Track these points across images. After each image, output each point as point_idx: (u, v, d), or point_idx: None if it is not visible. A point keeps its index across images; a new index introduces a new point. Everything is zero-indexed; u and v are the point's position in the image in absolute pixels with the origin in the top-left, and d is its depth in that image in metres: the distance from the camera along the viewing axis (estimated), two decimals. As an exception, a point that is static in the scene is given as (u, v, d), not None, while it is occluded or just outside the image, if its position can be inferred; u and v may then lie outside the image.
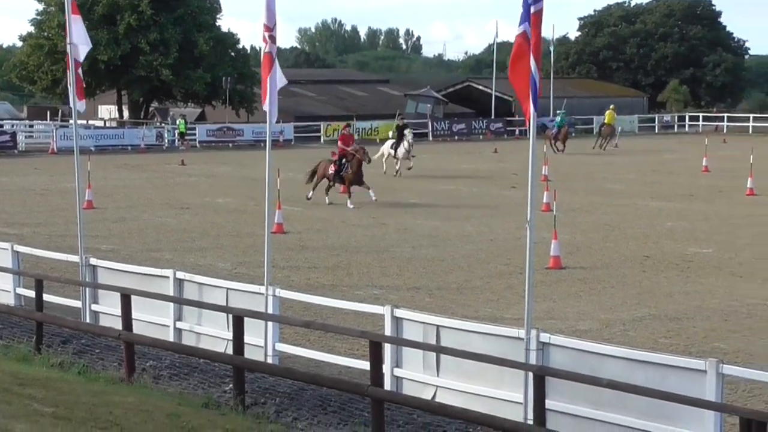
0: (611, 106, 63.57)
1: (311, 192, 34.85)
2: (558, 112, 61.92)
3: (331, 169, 34.90)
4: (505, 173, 44.25)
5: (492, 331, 12.82)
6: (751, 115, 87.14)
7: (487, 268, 23.23)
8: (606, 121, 62.66)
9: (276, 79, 15.07)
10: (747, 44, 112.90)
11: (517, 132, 77.04)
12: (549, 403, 11.49)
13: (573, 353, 11.80)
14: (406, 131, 45.47)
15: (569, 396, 11.52)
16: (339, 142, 36.24)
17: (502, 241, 26.63)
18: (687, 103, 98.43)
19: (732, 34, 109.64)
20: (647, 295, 20.43)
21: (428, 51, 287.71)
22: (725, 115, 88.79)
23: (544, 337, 12.07)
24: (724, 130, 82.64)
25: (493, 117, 79.15)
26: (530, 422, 11.21)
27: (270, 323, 14.84)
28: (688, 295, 20.43)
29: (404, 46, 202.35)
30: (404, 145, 45.37)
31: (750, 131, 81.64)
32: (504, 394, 12.29)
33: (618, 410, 11.11)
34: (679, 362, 11.07)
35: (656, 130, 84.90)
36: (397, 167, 45.34)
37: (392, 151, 45.87)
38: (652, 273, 22.71)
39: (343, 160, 34.70)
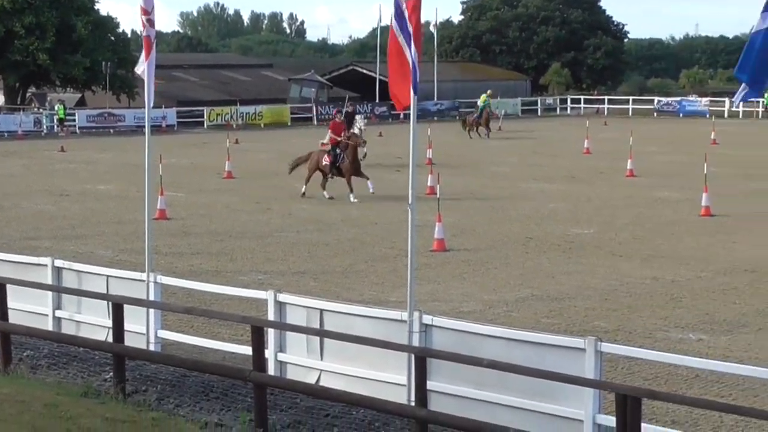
0: (487, 92, 64.24)
1: (304, 187, 32.31)
2: (483, 97, 62.18)
3: (326, 160, 32.25)
4: (390, 157, 44.34)
5: (375, 314, 12.82)
6: (631, 98, 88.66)
7: (371, 252, 23.25)
8: (480, 104, 63.59)
9: (153, 63, 14.76)
10: (626, 28, 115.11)
11: (401, 116, 77.24)
12: (431, 385, 11.51)
13: (455, 334, 11.86)
14: (357, 117, 42.75)
15: (451, 377, 11.57)
16: (329, 131, 33.57)
17: (387, 225, 26.67)
18: (569, 86, 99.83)
19: (611, 17, 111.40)
20: (530, 275, 20.65)
21: (312, 35, 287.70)
22: (606, 97, 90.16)
23: (427, 319, 12.10)
24: (605, 113, 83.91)
25: (377, 101, 79.23)
26: (413, 404, 11.21)
27: (151, 310, 14.62)
28: (569, 275, 20.69)
29: (288, 31, 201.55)
30: (355, 131, 42.46)
31: (630, 113, 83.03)
32: (388, 377, 12.29)
33: (499, 390, 11.20)
34: (558, 341, 11.20)
35: (539, 113, 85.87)
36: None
37: None
38: (534, 254, 22.96)
39: (337, 150, 32.33)
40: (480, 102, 60.65)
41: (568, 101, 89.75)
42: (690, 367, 13.22)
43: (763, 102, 78.57)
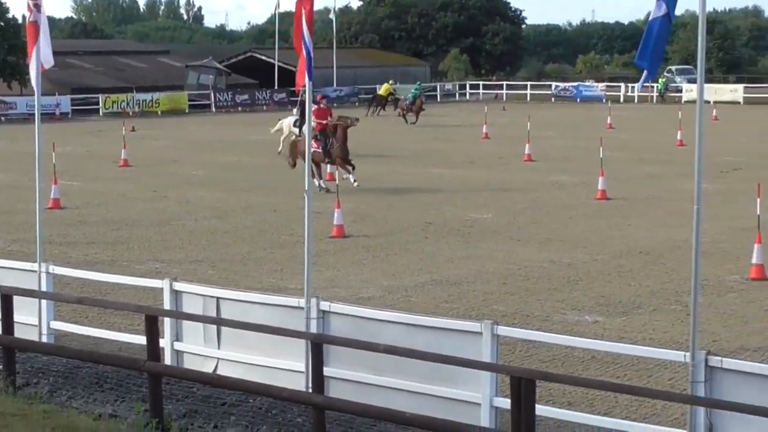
0: (389, 81, 64.47)
1: (319, 180, 29.94)
2: (415, 86, 62.38)
3: (314, 146, 28.92)
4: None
5: (272, 301, 12.72)
6: (529, 83, 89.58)
7: (270, 239, 23.10)
8: (381, 92, 63.93)
9: (41, 49, 14.39)
10: (524, 14, 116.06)
11: (302, 103, 77.01)
12: (330, 371, 11.46)
13: (353, 320, 11.81)
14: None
15: (349, 363, 11.53)
16: (314, 117, 30.76)
17: (286, 212, 26.51)
18: (468, 72, 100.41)
19: (509, 4, 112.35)
20: (429, 260, 20.69)
21: (210, 21, 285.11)
22: (504, 83, 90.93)
23: (324, 305, 12.03)
24: (504, 98, 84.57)
25: (276, 87, 78.82)
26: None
27: (43, 301, 14.31)
28: (468, 259, 20.77)
29: (185, 17, 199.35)
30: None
31: (528, 99, 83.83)
32: (286, 364, 12.20)
33: (398, 375, 11.17)
34: (456, 325, 11.21)
35: (438, 99, 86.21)
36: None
37: (296, 129, 39.78)
38: (434, 239, 23.01)
39: (327, 136, 30.47)
40: (394, 89, 60.99)
41: (467, 87, 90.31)
42: (586, 349, 13.39)
43: (657, 87, 79.94)
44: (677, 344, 13.71)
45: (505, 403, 10.22)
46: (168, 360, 12.97)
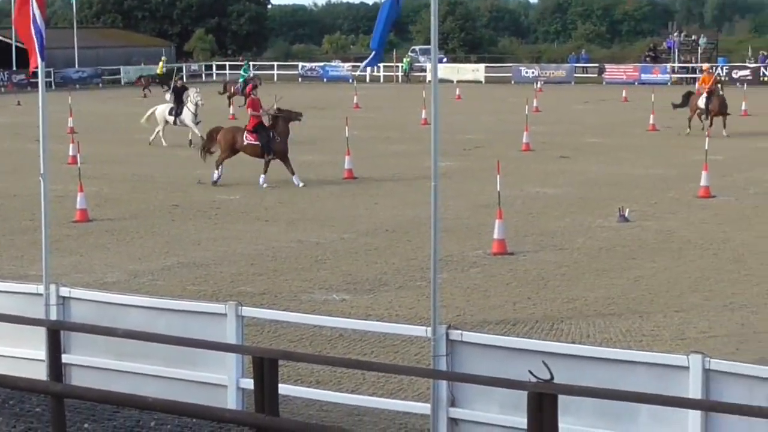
0: (162, 58, 63.70)
1: (216, 173, 27.96)
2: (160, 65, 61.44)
3: (248, 139, 27.67)
4: (31, 126, 42.63)
5: (11, 288, 12.22)
6: (276, 63, 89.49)
7: (10, 225, 22.28)
8: (158, 72, 63.61)
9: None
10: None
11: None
12: (72, 358, 11.16)
13: (95, 306, 11.49)
14: (191, 91, 37.06)
15: (92, 349, 11.21)
16: (249, 110, 28.68)
17: (27, 197, 25.55)
18: (214, 52, 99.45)
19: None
20: (176, 243, 20.40)
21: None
22: (251, 63, 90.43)
23: (64, 291, 11.65)
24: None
25: (15, 68, 76.01)
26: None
27: None
28: (215, 241, 20.59)
29: None
30: (189, 107, 36.69)
31: (275, 79, 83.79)
32: (27, 353, 11.75)
33: (142, 359, 10.94)
34: (200, 307, 11.06)
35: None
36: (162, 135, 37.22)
37: (170, 118, 37.21)
38: (180, 221, 22.70)
39: (267, 129, 27.88)
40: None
41: (214, 67, 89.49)
42: (334, 327, 13.47)
43: (402, 66, 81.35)
44: (422, 320, 13.94)
45: (251, 384, 10.16)
46: None
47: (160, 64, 64.84)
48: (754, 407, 8.17)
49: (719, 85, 39.24)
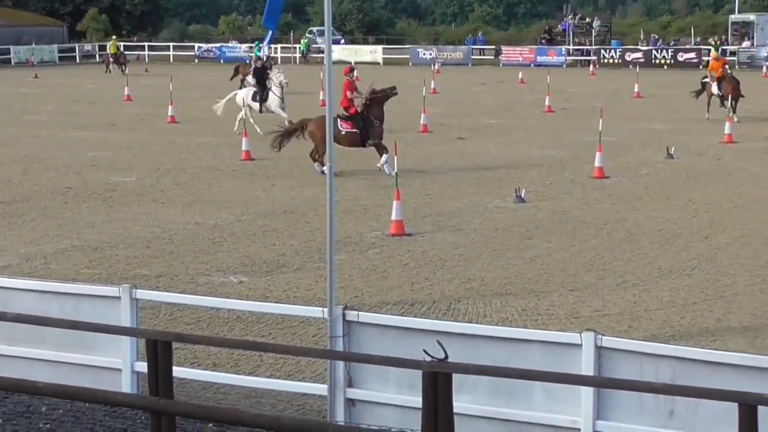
0: (113, 37, 62.87)
1: (318, 165, 24.89)
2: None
3: (344, 128, 25.22)
4: None
5: None
6: (172, 44, 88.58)
7: None
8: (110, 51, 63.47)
9: None
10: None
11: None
12: (-40, 345, 10.92)
13: (-18, 292, 11.25)
14: (273, 72, 33.99)
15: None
16: (347, 92, 26.20)
17: None
18: (108, 33, 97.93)
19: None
20: (70, 226, 20.08)
21: None
22: (146, 44, 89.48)
23: (-52, 277, 11.40)
24: (146, 59, 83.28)
25: None
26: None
27: None
28: (111, 224, 20.32)
29: None
30: (275, 91, 33.12)
31: (171, 60, 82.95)
32: None
33: (34, 344, 10.75)
34: (93, 290, 10.88)
35: (78, 60, 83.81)
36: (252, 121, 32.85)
37: (255, 104, 33.51)
38: (74, 204, 22.36)
39: (364, 113, 25.56)
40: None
41: (107, 48, 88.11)
42: (231, 309, 13.40)
43: (299, 48, 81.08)
44: (320, 301, 13.91)
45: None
46: None
47: (111, 42, 64.42)
48: (644, 383, 8.32)
49: (727, 67, 38.25)
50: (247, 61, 53.81)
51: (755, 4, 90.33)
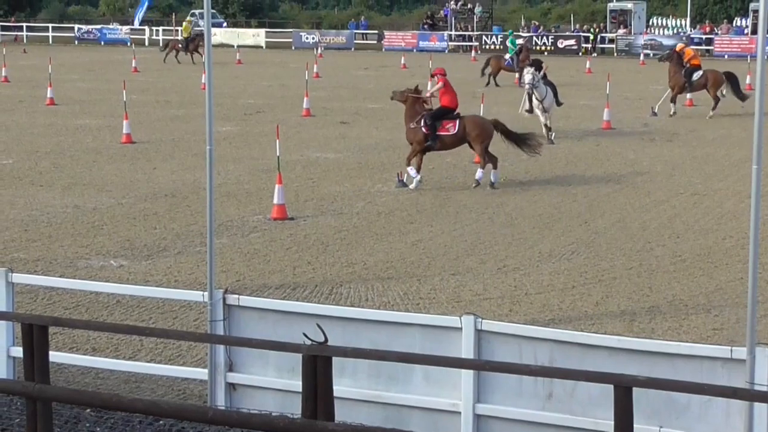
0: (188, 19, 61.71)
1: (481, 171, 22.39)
2: None
3: (451, 129, 22.33)
4: None
5: None
6: (51, 25, 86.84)
7: None
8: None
9: None
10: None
11: None
12: None
13: None
14: (529, 70, 29.23)
15: None
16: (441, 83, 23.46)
17: None
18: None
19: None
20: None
21: None
22: (24, 24, 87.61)
23: None
24: (24, 40, 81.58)
25: None
26: None
27: None
28: (-14, 207, 19.93)
29: None
30: (535, 94, 28.84)
31: (50, 41, 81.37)
32: None
33: None
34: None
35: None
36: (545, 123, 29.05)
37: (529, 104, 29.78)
38: (-52, 186, 21.85)
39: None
40: None
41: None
42: (111, 293, 13.25)
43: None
44: (202, 285, 13.79)
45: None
46: None
47: (185, 25, 62.81)
48: (522, 365, 8.46)
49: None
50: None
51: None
